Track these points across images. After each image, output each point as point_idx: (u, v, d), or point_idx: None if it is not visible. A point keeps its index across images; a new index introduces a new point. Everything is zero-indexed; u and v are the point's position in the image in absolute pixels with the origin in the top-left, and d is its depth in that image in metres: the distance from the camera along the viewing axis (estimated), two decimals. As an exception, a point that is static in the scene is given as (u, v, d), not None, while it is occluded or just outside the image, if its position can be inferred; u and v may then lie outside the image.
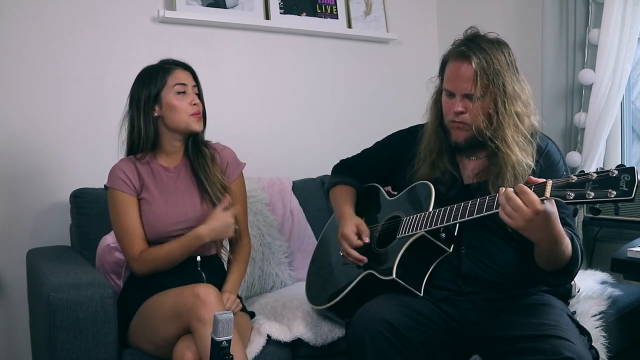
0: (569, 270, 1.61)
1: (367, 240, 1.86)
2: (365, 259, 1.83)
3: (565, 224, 1.67)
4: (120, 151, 2.02)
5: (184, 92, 1.95)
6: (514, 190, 1.45)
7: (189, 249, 1.90)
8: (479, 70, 1.67)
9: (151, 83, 1.94)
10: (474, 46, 1.70)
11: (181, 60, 2.01)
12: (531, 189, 1.44)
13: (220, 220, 1.91)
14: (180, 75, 1.96)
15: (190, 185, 2.00)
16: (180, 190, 1.98)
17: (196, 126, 1.96)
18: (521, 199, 1.43)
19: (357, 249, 1.86)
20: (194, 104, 1.96)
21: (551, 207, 1.45)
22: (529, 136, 1.73)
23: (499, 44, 1.74)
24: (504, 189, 1.48)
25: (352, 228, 1.87)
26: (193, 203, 1.97)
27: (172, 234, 1.93)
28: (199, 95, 2.01)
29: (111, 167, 1.97)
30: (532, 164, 1.70)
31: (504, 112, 1.69)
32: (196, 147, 2.02)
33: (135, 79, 1.98)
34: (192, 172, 2.01)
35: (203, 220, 1.94)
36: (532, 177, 1.49)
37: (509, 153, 1.68)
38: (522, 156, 1.68)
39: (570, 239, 1.57)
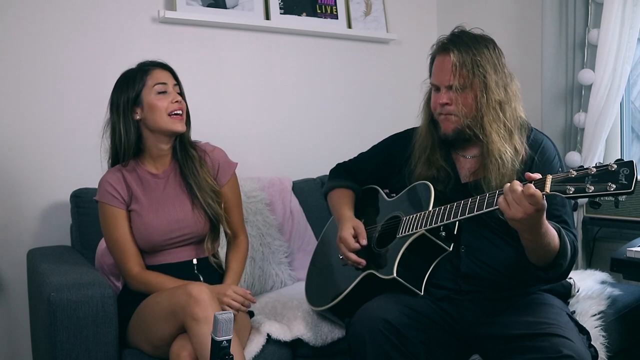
0: (557, 264, 1.61)
1: (364, 242, 1.86)
2: (363, 262, 1.84)
3: (562, 221, 1.68)
4: (104, 160, 1.99)
5: (164, 92, 1.91)
6: (521, 184, 1.46)
7: None
8: (457, 62, 1.72)
9: (129, 86, 1.91)
10: (455, 40, 1.75)
11: (159, 61, 1.98)
12: (531, 184, 1.44)
13: (224, 288, 1.86)
14: (160, 75, 1.93)
15: (179, 191, 1.97)
16: (170, 197, 1.96)
17: (178, 127, 1.92)
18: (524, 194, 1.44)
19: (357, 251, 1.87)
20: (176, 102, 1.91)
21: (544, 203, 1.46)
22: (510, 125, 1.74)
23: (483, 39, 1.77)
24: (509, 184, 1.48)
25: (350, 231, 1.88)
26: (184, 210, 1.94)
27: (167, 242, 1.92)
28: (181, 95, 1.97)
29: (99, 180, 1.95)
30: (521, 154, 1.72)
31: (484, 102, 1.72)
32: (184, 150, 1.98)
33: (114, 85, 1.96)
34: (181, 177, 1.97)
35: (195, 226, 1.93)
36: (529, 173, 1.49)
37: (487, 142, 1.71)
38: (502, 144, 1.71)
39: (557, 232, 1.58)
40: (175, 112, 1.92)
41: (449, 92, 1.75)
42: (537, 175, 1.47)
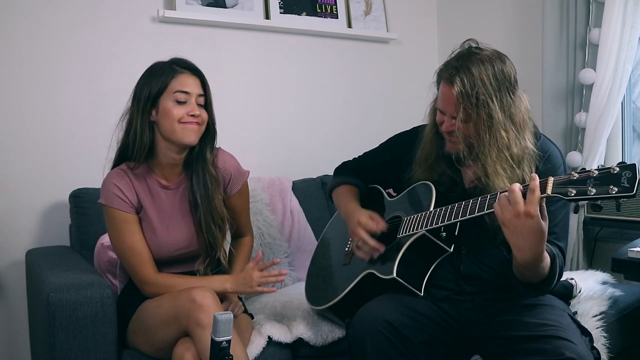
0: (540, 288, 1.60)
1: (383, 225, 1.83)
2: (382, 246, 1.80)
3: (550, 233, 1.64)
4: (112, 150, 1.89)
5: (184, 102, 1.77)
6: (522, 186, 1.45)
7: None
8: (460, 97, 1.63)
9: (153, 82, 1.78)
10: (462, 69, 1.64)
11: (193, 64, 1.84)
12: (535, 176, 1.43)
13: (247, 275, 1.82)
14: (186, 81, 1.79)
15: (189, 206, 1.88)
16: (181, 212, 1.88)
17: (189, 137, 1.78)
18: (522, 196, 1.43)
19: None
20: (192, 115, 1.77)
21: (544, 225, 1.44)
22: (515, 162, 1.66)
23: (491, 62, 1.66)
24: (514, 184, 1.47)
25: (367, 216, 1.85)
26: (191, 228, 1.87)
27: (174, 257, 1.88)
28: (206, 107, 1.83)
29: (103, 181, 1.83)
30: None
31: (487, 142, 1.65)
32: (201, 168, 1.84)
33: (142, 74, 1.84)
34: (190, 194, 1.86)
35: (200, 245, 1.88)
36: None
37: (493, 181, 1.64)
38: (507, 183, 1.63)
39: (551, 260, 1.56)
40: (187, 122, 1.78)
41: (452, 121, 1.70)
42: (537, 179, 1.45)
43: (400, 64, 3.34)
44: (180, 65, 1.82)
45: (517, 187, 1.45)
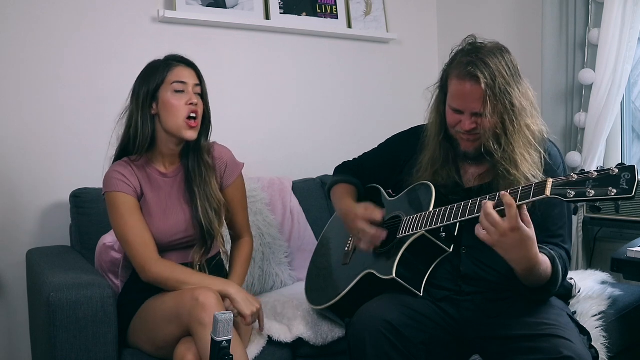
0: (546, 290, 1.62)
1: (380, 215, 1.82)
2: (384, 232, 1.79)
3: (557, 235, 1.66)
4: (112, 146, 1.92)
5: (182, 91, 1.84)
6: (494, 205, 1.47)
7: (207, 285, 1.77)
8: (487, 89, 1.63)
9: (151, 78, 1.85)
10: (478, 63, 1.64)
11: (186, 58, 1.91)
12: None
13: (252, 298, 1.83)
14: (181, 73, 1.86)
15: (186, 193, 1.92)
16: (179, 198, 1.92)
17: (189, 134, 1.85)
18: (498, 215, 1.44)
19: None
20: (190, 103, 1.84)
21: (530, 231, 1.46)
22: (537, 145, 1.69)
23: (500, 53, 1.68)
24: (486, 202, 1.48)
25: (362, 208, 1.84)
26: (189, 214, 1.90)
27: (172, 244, 1.90)
28: (202, 96, 1.90)
29: (106, 173, 1.88)
30: (540, 174, 1.68)
31: (512, 131, 1.66)
32: (197, 156, 1.92)
33: (140, 73, 1.90)
34: (187, 181, 1.92)
35: (197, 232, 1.90)
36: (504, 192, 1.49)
37: (517, 173, 1.65)
38: (531, 168, 1.66)
39: (551, 261, 1.57)
40: (190, 115, 1.84)
41: (473, 118, 1.69)
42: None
43: (400, 64, 3.34)
44: (175, 60, 1.91)
45: (490, 207, 1.46)
